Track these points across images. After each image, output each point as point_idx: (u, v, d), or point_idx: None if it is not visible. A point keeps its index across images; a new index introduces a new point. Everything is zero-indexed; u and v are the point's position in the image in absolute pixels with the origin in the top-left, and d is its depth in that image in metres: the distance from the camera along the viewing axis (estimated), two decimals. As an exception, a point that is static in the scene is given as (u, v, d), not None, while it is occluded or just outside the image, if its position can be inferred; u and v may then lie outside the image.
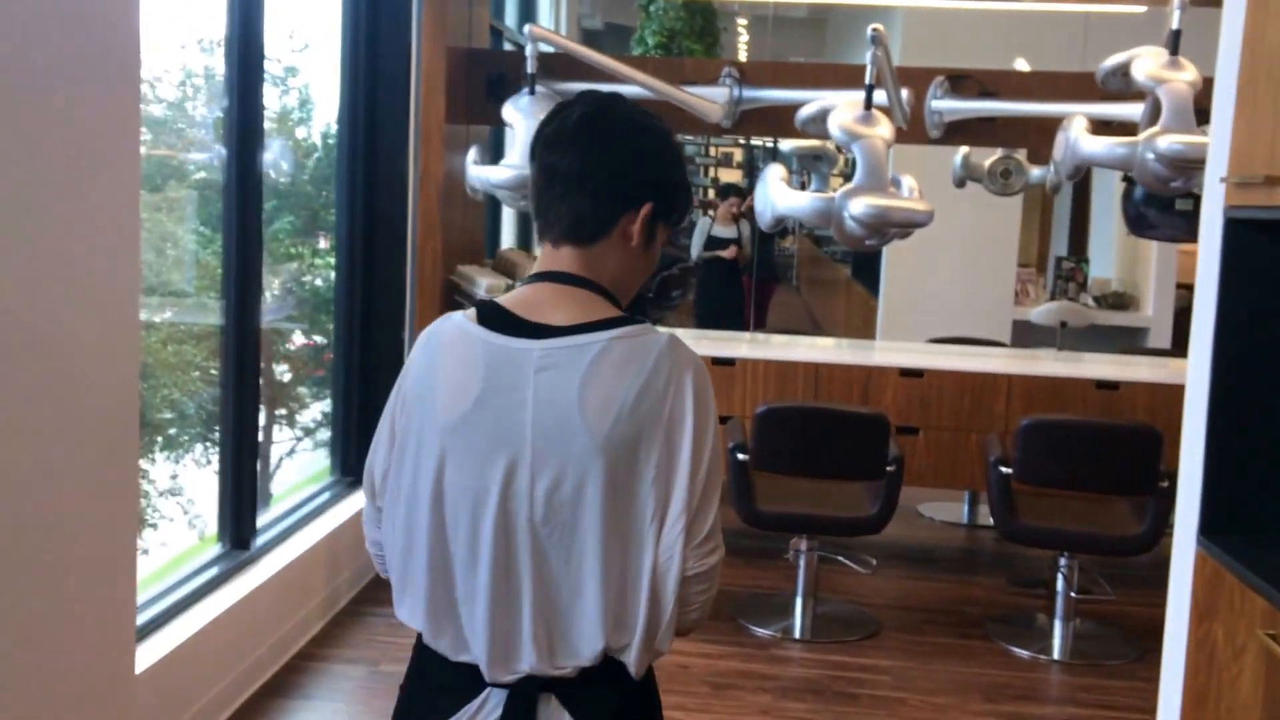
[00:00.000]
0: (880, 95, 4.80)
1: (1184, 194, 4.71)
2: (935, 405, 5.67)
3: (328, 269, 5.38)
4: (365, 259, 5.28)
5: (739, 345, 6.38)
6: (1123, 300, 9.05)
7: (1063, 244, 10.02)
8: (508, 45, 7.36)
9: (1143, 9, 7.28)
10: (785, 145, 5.87)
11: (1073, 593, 4.89)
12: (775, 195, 4.73)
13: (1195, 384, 2.78)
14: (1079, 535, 4.81)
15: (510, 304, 1.71)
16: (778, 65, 5.92)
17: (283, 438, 5.38)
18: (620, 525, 1.63)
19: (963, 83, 5.49)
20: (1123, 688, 4.52)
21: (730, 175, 15.47)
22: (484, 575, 1.66)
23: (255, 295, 4.24)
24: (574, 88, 5.51)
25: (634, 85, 5.33)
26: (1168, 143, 4.27)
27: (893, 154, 4.87)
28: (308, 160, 5.39)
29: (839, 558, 5.24)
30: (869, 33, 4.55)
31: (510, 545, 1.65)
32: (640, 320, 1.70)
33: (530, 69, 5.26)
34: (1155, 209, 5.15)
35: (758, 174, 5.09)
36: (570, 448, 1.62)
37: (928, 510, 6.83)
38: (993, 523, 5.02)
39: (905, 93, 5.05)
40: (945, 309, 8.23)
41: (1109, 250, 9.50)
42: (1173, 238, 5.96)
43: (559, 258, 1.73)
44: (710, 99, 5.41)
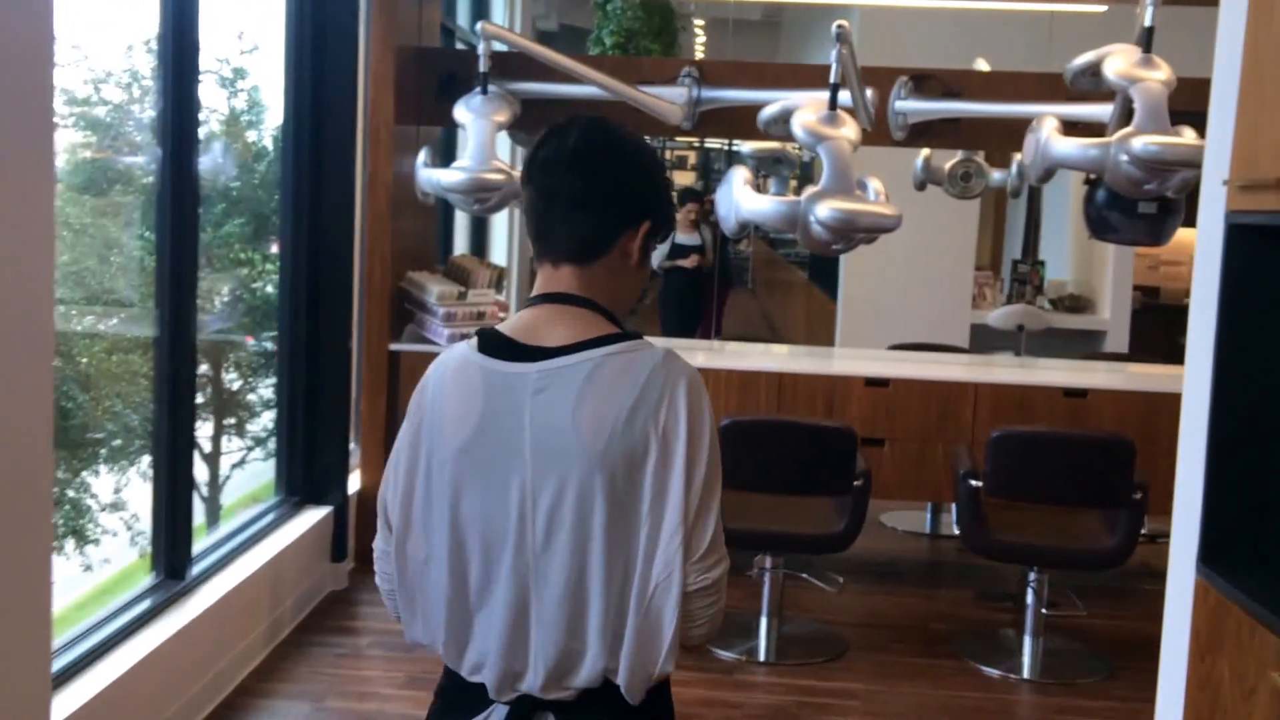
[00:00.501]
0: (844, 95, 4.64)
1: (1152, 197, 4.56)
2: (901, 415, 5.51)
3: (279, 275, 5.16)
4: (310, 266, 5.04)
5: (697, 354, 6.19)
6: (1079, 303, 9.00)
7: (1016, 246, 9.94)
8: (460, 45, 7.15)
9: (1103, 8, 7.19)
10: (744, 147, 5.69)
11: (1044, 609, 4.75)
12: (740, 199, 4.55)
13: (1193, 400, 2.61)
14: (1051, 550, 4.68)
15: (510, 330, 1.75)
16: (737, 65, 5.74)
17: (229, 450, 5.17)
18: (622, 542, 1.66)
19: (927, 83, 5.34)
20: (1098, 709, 4.38)
21: (684, 178, 15.30)
22: (499, 599, 1.70)
23: (190, 305, 4.00)
24: (529, 88, 5.34)
25: (591, 85, 5.15)
26: (1143, 144, 4.12)
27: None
28: (258, 164, 5.20)
29: (804, 575, 5.07)
30: (834, 29, 4.38)
31: (521, 567, 1.69)
32: (635, 336, 1.74)
33: (483, 68, 5.07)
34: (1118, 212, 4.98)
35: (713, 177, 4.91)
36: (568, 466, 1.65)
37: (890, 520, 6.69)
38: (961, 538, 4.87)
39: (870, 93, 4.89)
40: (904, 312, 8.11)
41: (1063, 252, 9.45)
42: (1135, 241, 5.86)
43: (558, 278, 1.77)
44: (669, 100, 5.23)
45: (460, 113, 5.07)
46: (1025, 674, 4.68)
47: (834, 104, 4.53)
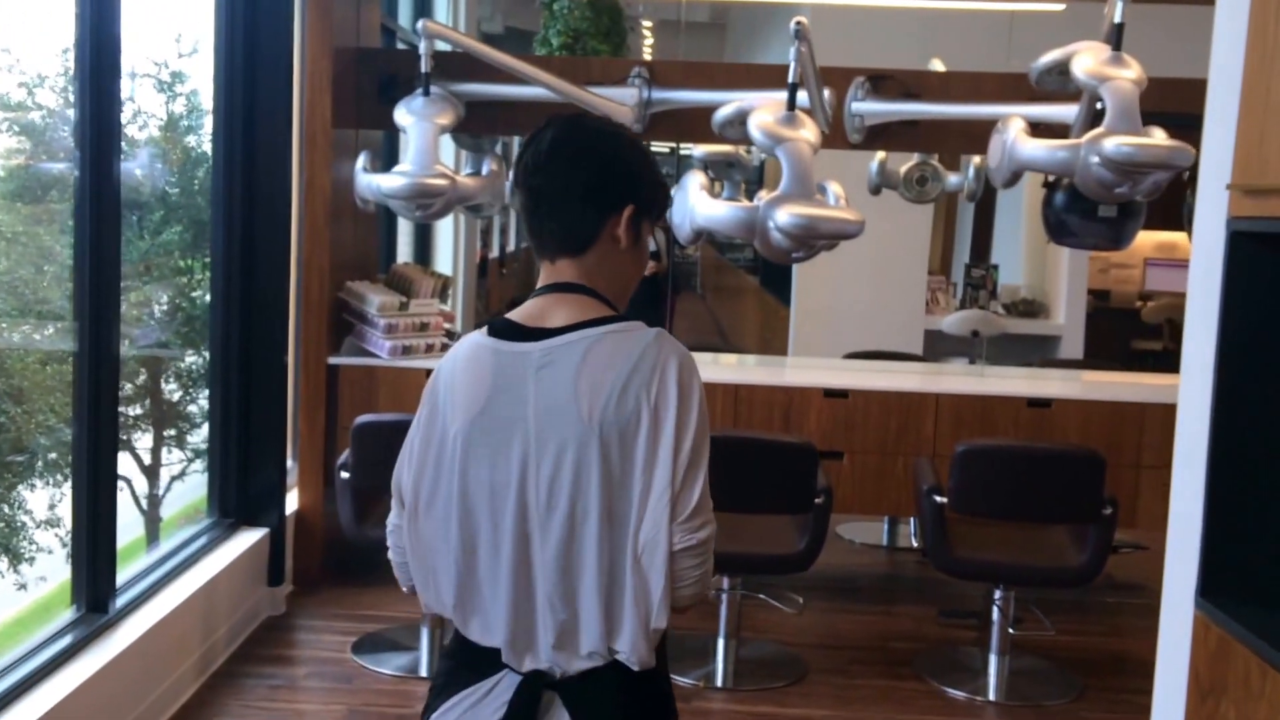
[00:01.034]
0: (802, 96, 4.46)
1: (1123, 201, 4.41)
2: (861, 427, 5.34)
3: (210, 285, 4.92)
4: (244, 276, 4.78)
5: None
6: (1033, 308, 8.89)
7: (966, 250, 9.82)
8: (402, 45, 6.89)
9: (1061, 6, 7.07)
10: (695, 151, 5.50)
11: (1010, 629, 4.59)
12: (696, 205, 4.34)
13: (1190, 417, 2.44)
14: (1018, 568, 4.52)
15: (518, 316, 1.87)
16: (689, 65, 5.55)
17: (169, 463, 4.93)
18: (617, 508, 1.76)
19: (884, 84, 5.17)
20: (1070, 732, 4.23)
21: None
22: (505, 565, 1.79)
23: (112, 317, 3.73)
24: (473, 89, 5.11)
25: (537, 87, 4.94)
26: (1115, 145, 3.96)
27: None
28: (198, 170, 4.99)
29: (761, 596, 4.87)
30: (792, 26, 4.20)
31: (525, 535, 1.78)
32: (631, 319, 1.84)
33: (424, 68, 4.84)
34: (1077, 216, 4.83)
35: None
36: (566, 435, 1.75)
37: (847, 532, 6.53)
38: (926, 555, 4.69)
39: (827, 93, 4.71)
40: (858, 319, 7.94)
41: (1016, 256, 9.33)
42: (1095, 246, 5.70)
43: (558, 270, 1.89)
44: (619, 101, 5.02)
45: (401, 115, 4.83)
46: (991, 695, 4.52)
47: (792, 104, 4.35)
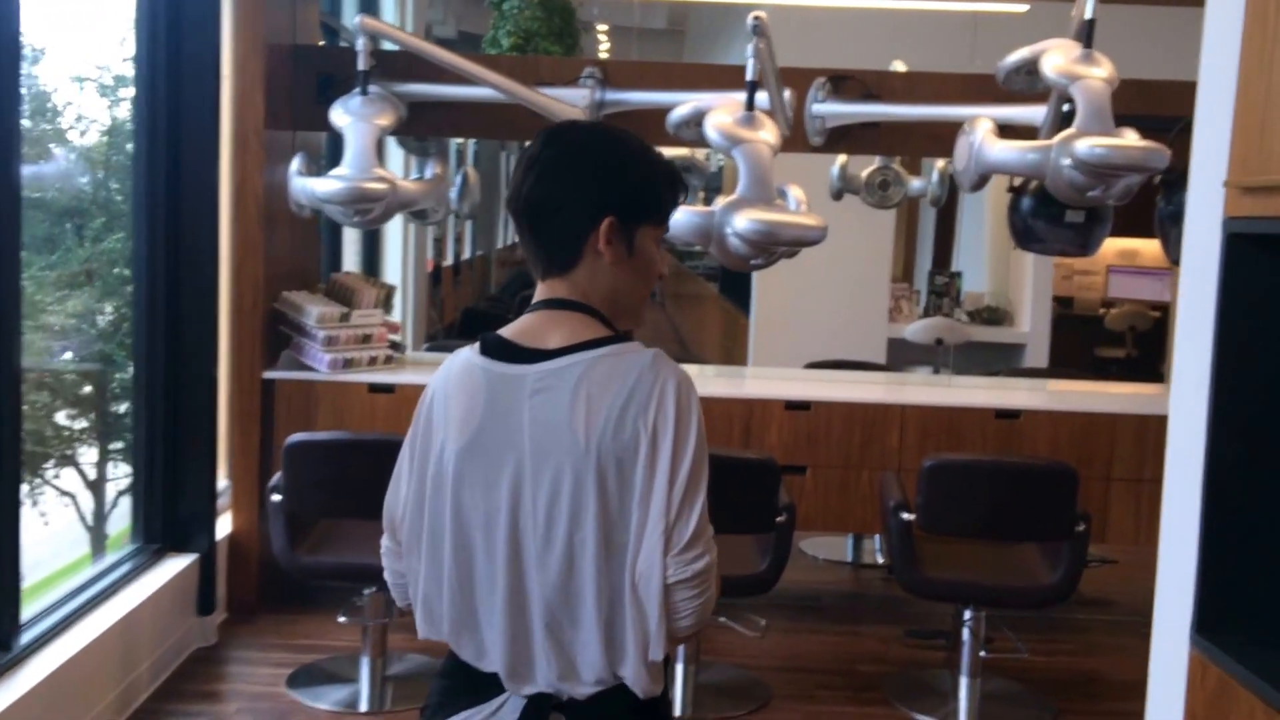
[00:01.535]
0: (761, 96, 4.25)
1: (1094, 204, 4.23)
2: (824, 441, 5.12)
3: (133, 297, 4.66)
4: (170, 286, 4.51)
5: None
6: (997, 315, 8.74)
7: (929, 257, 9.66)
8: (345, 44, 6.64)
9: (1025, 7, 6.92)
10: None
11: (982, 651, 4.39)
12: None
13: (1183, 435, 2.23)
14: (990, 588, 4.31)
15: (511, 334, 1.82)
16: (644, 65, 5.33)
17: (114, 477, 4.67)
18: (615, 537, 1.72)
19: (845, 85, 4.97)
20: (1045, 762, 4.02)
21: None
22: (500, 592, 1.77)
23: (12, 332, 3.46)
24: (415, 89, 4.86)
25: (484, 87, 4.70)
26: (1088, 146, 3.76)
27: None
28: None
29: (722, 619, 4.64)
30: (750, 22, 3.99)
31: (521, 562, 1.76)
32: (626, 338, 1.80)
33: (362, 65, 4.61)
34: (1044, 221, 4.65)
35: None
36: (562, 463, 1.72)
37: (810, 548, 6.33)
38: (893, 575, 4.47)
39: (788, 94, 4.50)
40: (820, 327, 7.75)
41: (979, 263, 9.19)
42: (1062, 251, 5.51)
43: (551, 288, 1.84)
44: (570, 102, 4.79)
45: (337, 115, 4.59)
46: (963, 720, 4.32)
47: (751, 104, 4.13)
